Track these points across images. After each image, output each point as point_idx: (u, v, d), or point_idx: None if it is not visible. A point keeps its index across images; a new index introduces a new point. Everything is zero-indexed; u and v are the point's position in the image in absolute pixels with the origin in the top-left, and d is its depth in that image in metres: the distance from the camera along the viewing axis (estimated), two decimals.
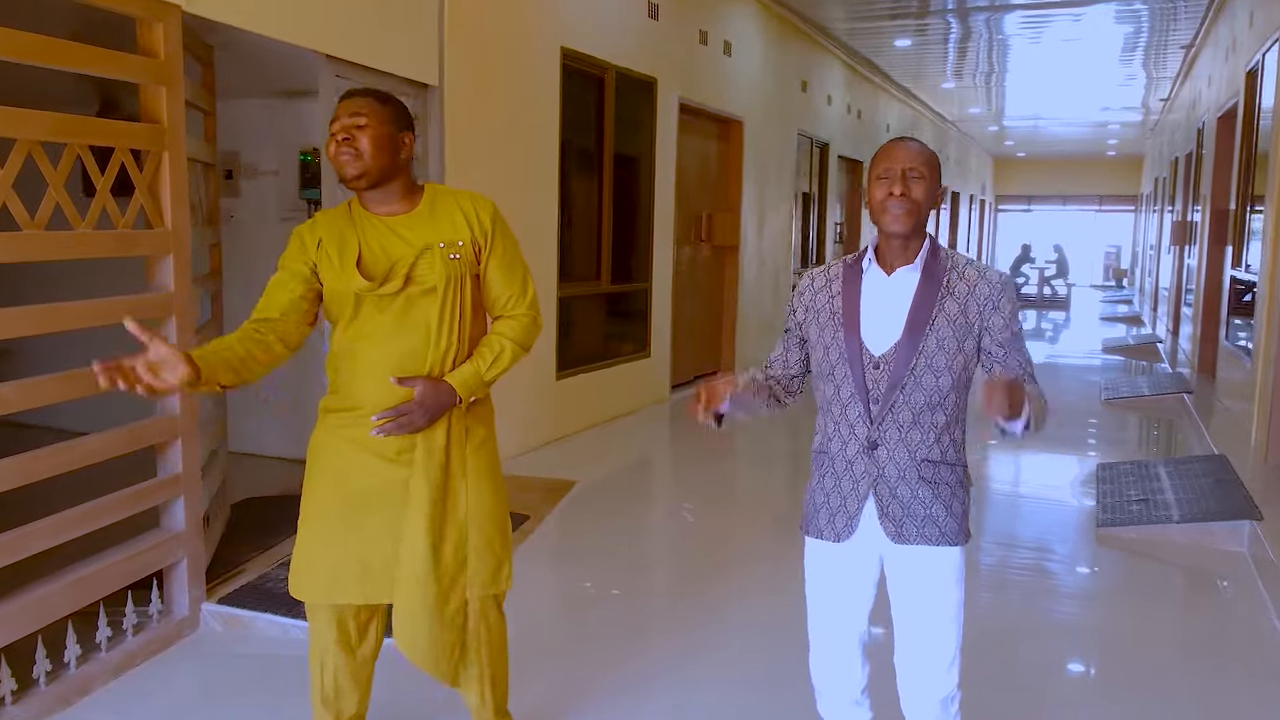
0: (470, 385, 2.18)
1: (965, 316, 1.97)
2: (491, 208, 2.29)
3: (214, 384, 1.95)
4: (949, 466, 2.01)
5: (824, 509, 2.08)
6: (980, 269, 2.01)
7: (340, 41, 4.18)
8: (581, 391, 6.58)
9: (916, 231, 1.97)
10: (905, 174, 1.94)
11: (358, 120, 2.10)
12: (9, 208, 2.58)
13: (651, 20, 7.20)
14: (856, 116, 12.97)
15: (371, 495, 2.18)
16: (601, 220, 6.92)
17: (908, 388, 1.96)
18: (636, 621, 3.64)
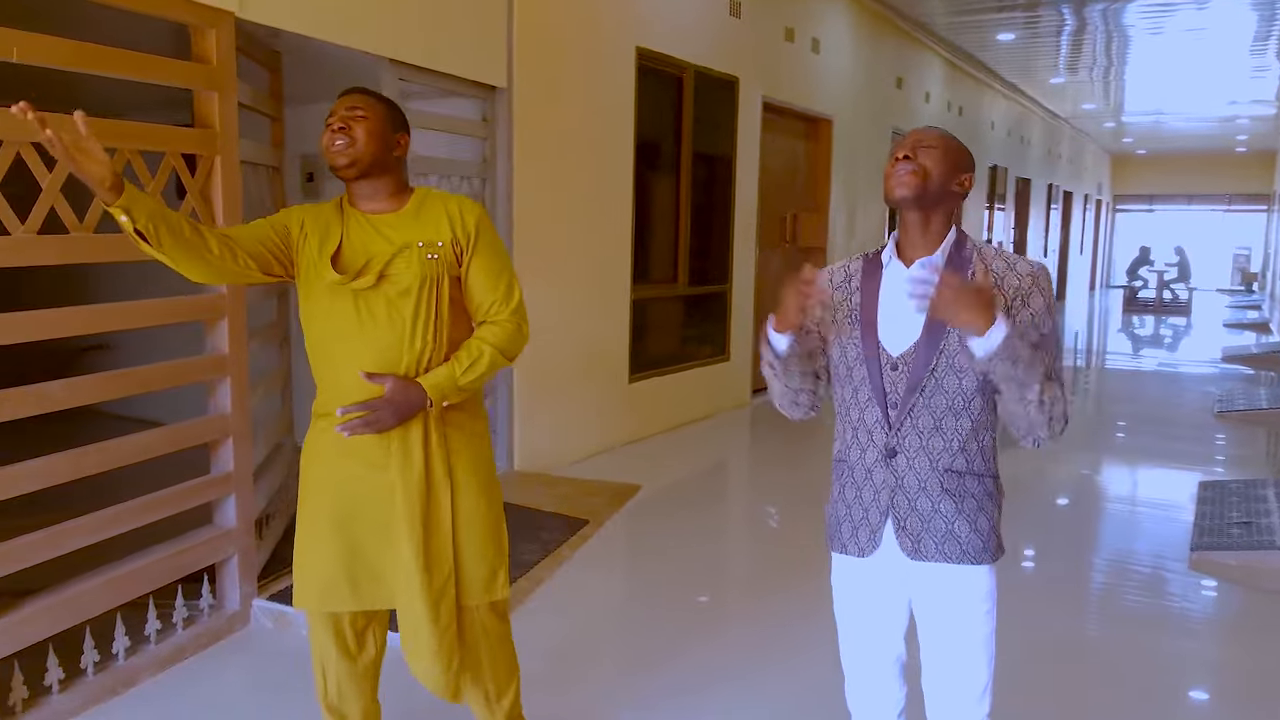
0: (443, 388, 2.11)
1: None
2: (478, 211, 2.22)
3: (129, 215, 1.84)
4: (975, 477, 1.85)
5: (846, 522, 1.96)
6: (1010, 260, 1.84)
7: (403, 45, 4.22)
8: (655, 395, 6.51)
9: (928, 205, 1.82)
10: (916, 143, 1.83)
11: (356, 111, 2.10)
12: (56, 210, 2.65)
13: (733, 18, 7.08)
14: (957, 114, 12.55)
15: (359, 501, 2.16)
16: (679, 222, 6.84)
17: (928, 390, 1.82)
18: (683, 630, 3.55)
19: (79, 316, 2.82)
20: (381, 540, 2.15)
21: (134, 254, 2.89)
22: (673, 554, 4.36)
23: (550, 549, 4.18)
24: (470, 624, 2.27)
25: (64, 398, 2.70)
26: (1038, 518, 5.09)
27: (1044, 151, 17.84)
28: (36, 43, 2.56)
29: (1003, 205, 15.45)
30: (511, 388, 5.22)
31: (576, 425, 5.75)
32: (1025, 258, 1.85)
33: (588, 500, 4.91)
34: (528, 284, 5.24)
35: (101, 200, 1.84)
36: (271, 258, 2.13)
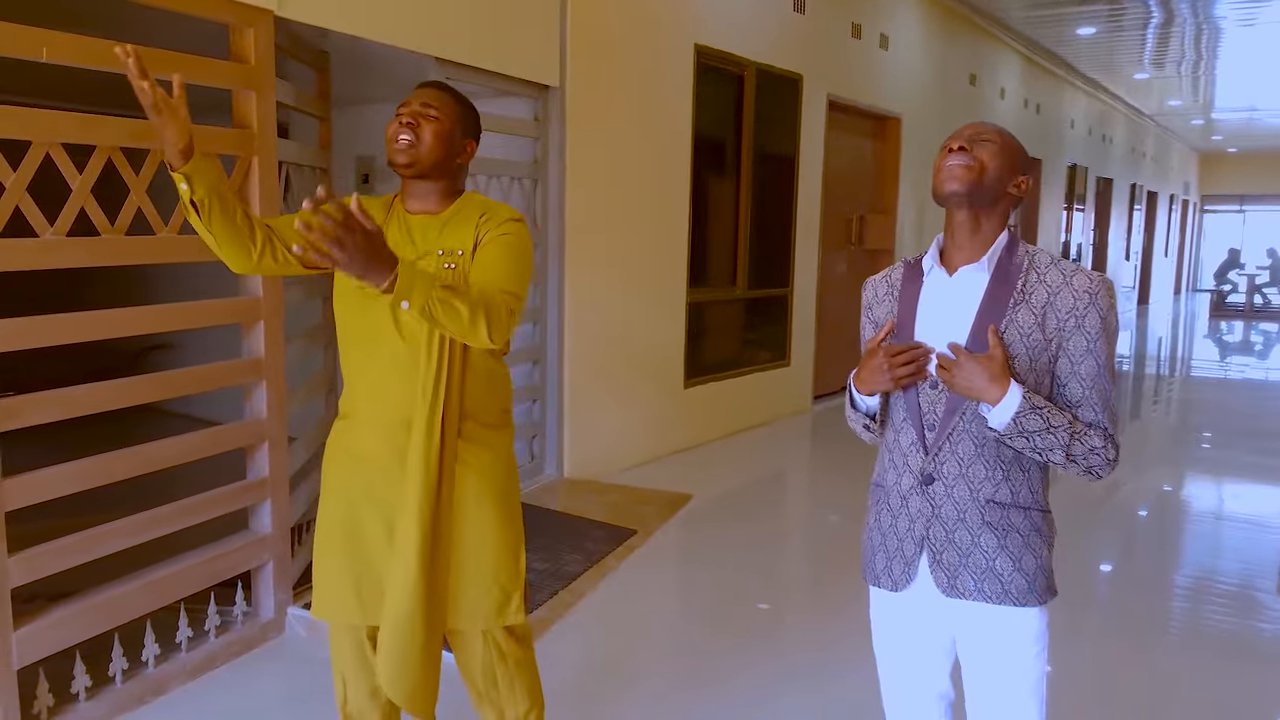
0: (418, 277, 1.77)
1: (1041, 330, 1.63)
2: (509, 214, 2.04)
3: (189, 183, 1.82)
4: (1021, 510, 1.68)
5: (880, 552, 1.81)
6: (1066, 271, 1.65)
7: (450, 43, 4.14)
8: (712, 401, 6.35)
9: (978, 202, 1.66)
10: (973, 136, 1.67)
11: (429, 110, 1.99)
12: (86, 211, 2.62)
13: (797, 14, 6.89)
14: (1035, 111, 12.12)
15: (369, 510, 2.06)
16: (739, 224, 6.67)
17: (969, 413, 1.66)
18: (730, 648, 3.40)
19: (112, 319, 2.78)
20: (387, 552, 2.05)
21: (166, 255, 2.87)
22: (722, 567, 4.21)
23: (595, 560, 4.06)
24: (482, 650, 2.16)
25: (88, 402, 2.67)
26: (1113, 534, 4.81)
27: (1127, 150, 17.18)
28: (65, 42, 2.52)
29: (1082, 206, 14.90)
30: (561, 393, 5.12)
31: (629, 432, 5.62)
32: (1085, 269, 1.67)
33: (637, 509, 4.78)
34: (579, 286, 5.22)
35: (168, 162, 1.83)
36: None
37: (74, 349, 2.77)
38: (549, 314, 5.05)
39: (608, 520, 4.56)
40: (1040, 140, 12.28)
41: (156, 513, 2.92)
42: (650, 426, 5.80)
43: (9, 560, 2.47)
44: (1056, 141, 13.08)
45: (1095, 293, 1.62)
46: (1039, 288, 1.64)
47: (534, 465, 5.11)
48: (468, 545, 2.07)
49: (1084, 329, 1.62)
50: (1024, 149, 1.72)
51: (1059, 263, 1.67)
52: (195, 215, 1.88)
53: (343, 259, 1.67)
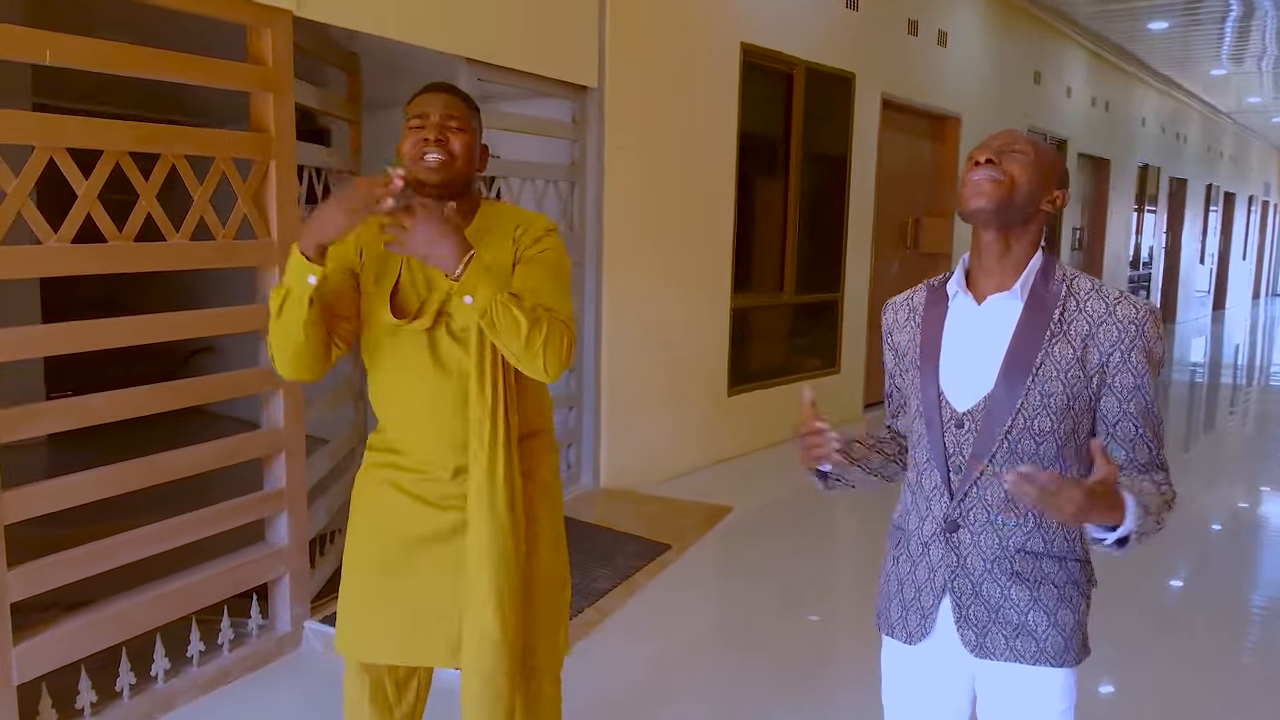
0: (485, 271, 1.71)
1: (1082, 366, 1.47)
2: (544, 224, 1.91)
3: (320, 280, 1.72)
4: (1056, 561, 1.51)
5: (896, 600, 1.65)
6: (1109, 298, 1.48)
7: (481, 43, 4.04)
8: (757, 409, 6.17)
9: (1008, 221, 1.49)
10: (1001, 147, 1.49)
11: (451, 121, 1.83)
12: (93, 218, 2.56)
13: (850, 11, 6.68)
14: (1103, 109, 11.68)
15: (417, 545, 1.92)
16: (787, 227, 6.48)
17: (999, 456, 1.49)
18: (762, 674, 3.23)
19: (144, 325, 2.75)
20: (444, 590, 1.90)
21: (173, 263, 2.81)
22: (759, 585, 4.04)
23: (625, 575, 3.93)
24: (525, 687, 2.00)
25: (105, 411, 2.61)
26: (1183, 552, 4.53)
27: (1202, 149, 16.52)
28: (70, 44, 2.46)
29: (1154, 207, 14.36)
30: (599, 401, 5.00)
31: (669, 441, 5.47)
32: (1129, 296, 1.49)
33: (674, 522, 4.64)
34: (617, 291, 5.08)
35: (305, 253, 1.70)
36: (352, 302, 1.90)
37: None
38: (586, 320, 4.93)
39: (642, 534, 4.42)
40: (1108, 139, 11.85)
41: (170, 524, 2.86)
42: (692, 435, 5.65)
43: (8, 574, 2.42)
44: (1126, 140, 12.60)
45: (1142, 323, 1.46)
46: (1079, 318, 1.47)
47: (570, 475, 4.99)
48: (536, 580, 1.94)
49: (1130, 365, 1.47)
50: (1061, 160, 1.56)
51: (1100, 289, 1.50)
52: (304, 310, 1.73)
53: (413, 235, 1.66)
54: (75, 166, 2.50)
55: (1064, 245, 11.13)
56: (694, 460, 5.64)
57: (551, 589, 1.97)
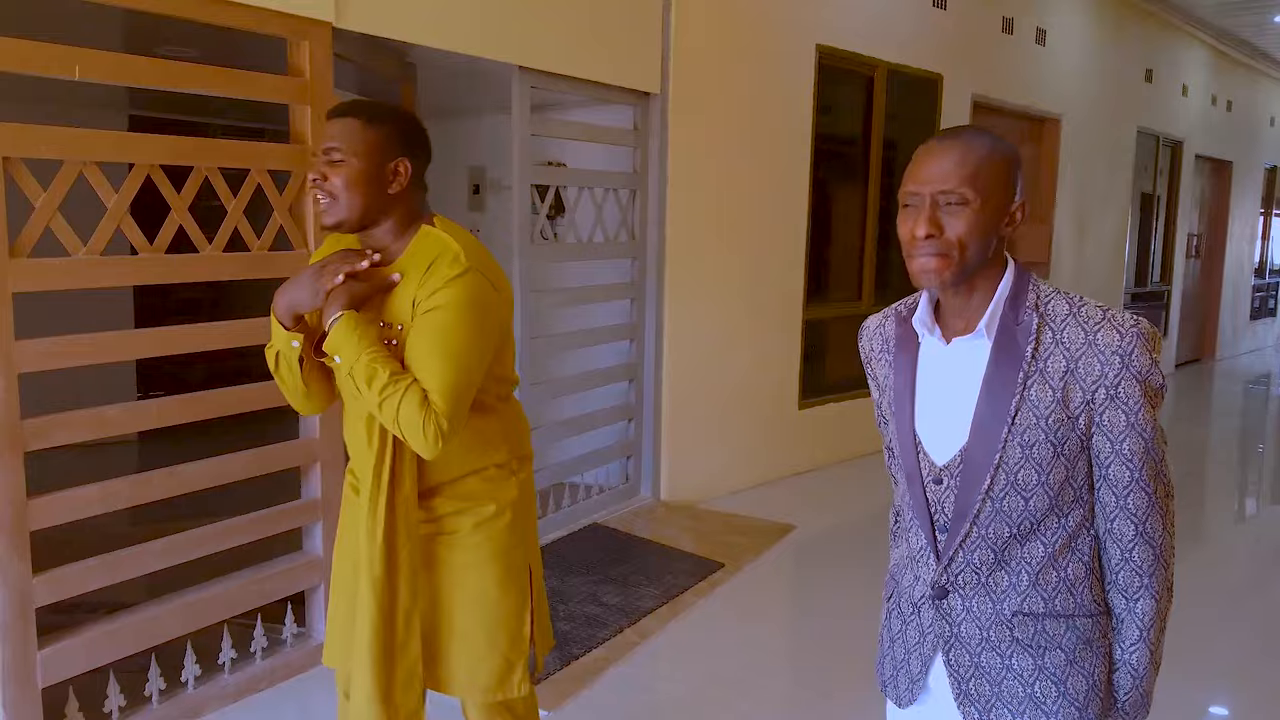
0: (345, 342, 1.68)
1: (1065, 407, 1.28)
2: (443, 272, 1.70)
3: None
4: (1062, 620, 1.34)
5: (889, 658, 1.51)
6: (1089, 324, 1.28)
7: (533, 50, 3.99)
8: (829, 423, 5.97)
9: (968, 282, 1.31)
10: (936, 201, 1.27)
11: (331, 155, 1.71)
12: (124, 231, 2.60)
13: (938, 10, 6.41)
14: (1225, 109, 10.98)
15: (346, 566, 1.92)
16: (865, 235, 6.26)
17: (984, 516, 1.32)
18: (799, 709, 3.08)
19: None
20: (351, 612, 1.88)
21: (196, 275, 2.83)
22: (813, 612, 3.87)
23: (672, 595, 3.82)
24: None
25: (122, 421, 2.65)
26: (1243, 580, 4.16)
27: None
28: (98, 60, 2.50)
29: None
30: (659, 412, 4.90)
31: (734, 454, 5.33)
32: (1113, 317, 1.28)
33: (731, 540, 4.50)
34: (680, 301, 4.97)
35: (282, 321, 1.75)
36: None
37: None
38: (646, 330, 4.84)
39: (695, 551, 4.30)
40: (1230, 140, 11.13)
41: (203, 531, 2.89)
42: (759, 449, 5.49)
43: (33, 580, 2.47)
44: (1250, 141, 11.82)
45: (1128, 352, 1.26)
46: (1055, 353, 1.28)
47: (628, 488, 4.91)
48: (457, 609, 1.87)
49: (1120, 401, 1.27)
50: (1009, 158, 1.31)
51: (1079, 312, 1.29)
52: (298, 369, 1.79)
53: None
54: (106, 180, 2.54)
55: (1178, 253, 10.50)
56: (761, 475, 5.48)
57: (480, 626, 1.87)
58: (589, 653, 3.31)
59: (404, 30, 3.41)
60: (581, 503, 4.63)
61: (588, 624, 3.51)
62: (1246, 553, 4.97)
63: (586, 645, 3.35)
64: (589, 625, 3.50)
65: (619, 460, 4.88)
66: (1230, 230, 11.54)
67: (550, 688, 3.06)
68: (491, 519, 1.88)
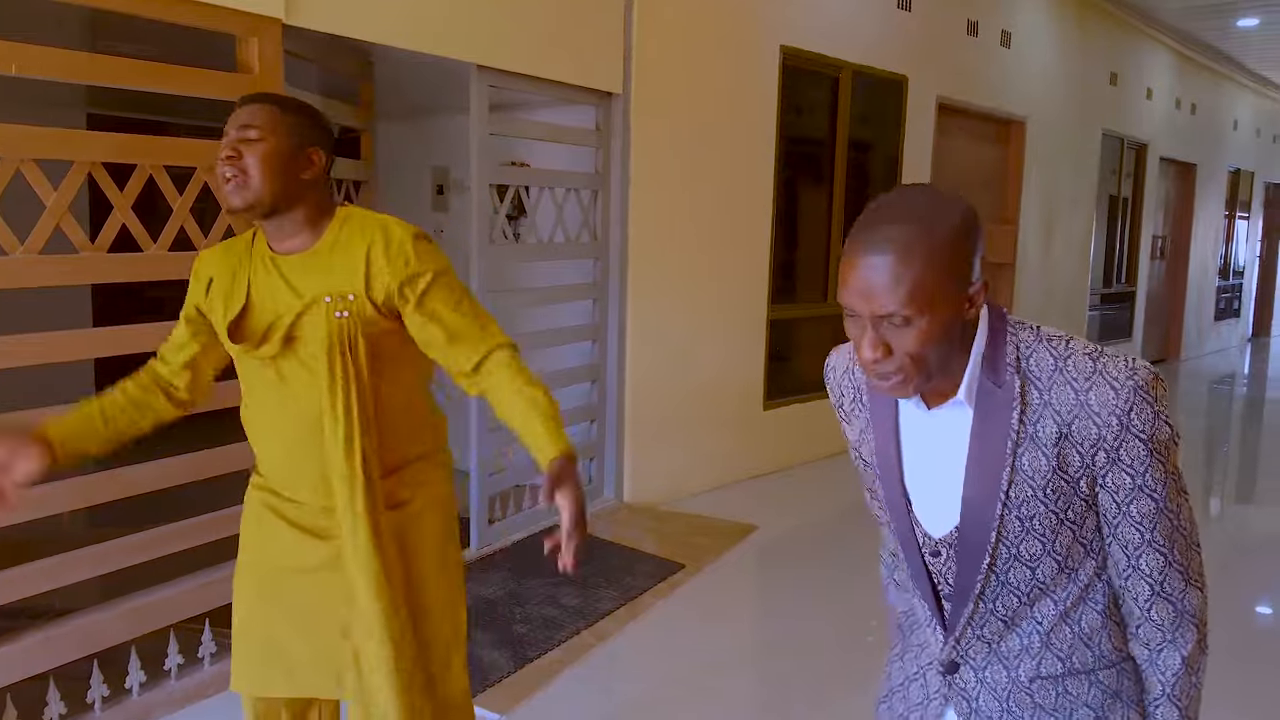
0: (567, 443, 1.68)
1: (1062, 473, 1.15)
2: (408, 238, 1.74)
3: (78, 457, 1.75)
4: (1082, 676, 1.23)
5: (900, 695, 1.40)
6: (1079, 381, 1.13)
7: (491, 49, 3.97)
8: (795, 424, 5.98)
9: (932, 379, 1.16)
10: (877, 322, 1.10)
11: (246, 133, 1.68)
12: (63, 230, 2.56)
13: (902, 11, 6.44)
14: (1189, 112, 11.11)
15: (300, 574, 1.84)
16: (830, 236, 6.27)
17: (989, 592, 1.22)
18: (755, 711, 3.08)
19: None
20: (321, 618, 1.82)
21: (143, 274, 2.79)
22: (773, 614, 3.87)
23: (631, 596, 3.80)
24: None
25: None
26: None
27: None
28: (36, 55, 2.46)
29: (1246, 214, 13.62)
30: (622, 413, 4.88)
31: (699, 455, 5.33)
32: (1106, 370, 1.13)
33: (693, 541, 4.49)
34: (643, 301, 4.97)
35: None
36: (210, 362, 1.91)
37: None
38: (608, 330, 4.83)
39: (657, 553, 4.29)
40: (1194, 143, 11.26)
41: (150, 534, 2.85)
42: (723, 450, 5.49)
43: None
44: (1214, 144, 11.96)
45: (1126, 411, 1.11)
46: (1045, 415, 1.14)
47: (590, 490, 4.89)
48: (408, 597, 1.85)
49: (1122, 464, 1.14)
50: (966, 229, 1.11)
51: (1066, 366, 1.14)
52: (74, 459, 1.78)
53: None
54: (44, 178, 2.49)
55: (1143, 254, 10.61)
56: (725, 476, 5.48)
57: (441, 614, 1.87)
58: (544, 655, 3.29)
59: (358, 28, 3.38)
60: (541, 505, 4.59)
61: (544, 626, 3.49)
62: (1212, 551, 5.01)
63: (542, 648, 3.33)
64: (546, 628, 3.48)
65: (581, 462, 4.86)
66: (1195, 232, 11.67)
67: (504, 691, 3.04)
68: (441, 498, 1.89)
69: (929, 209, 1.10)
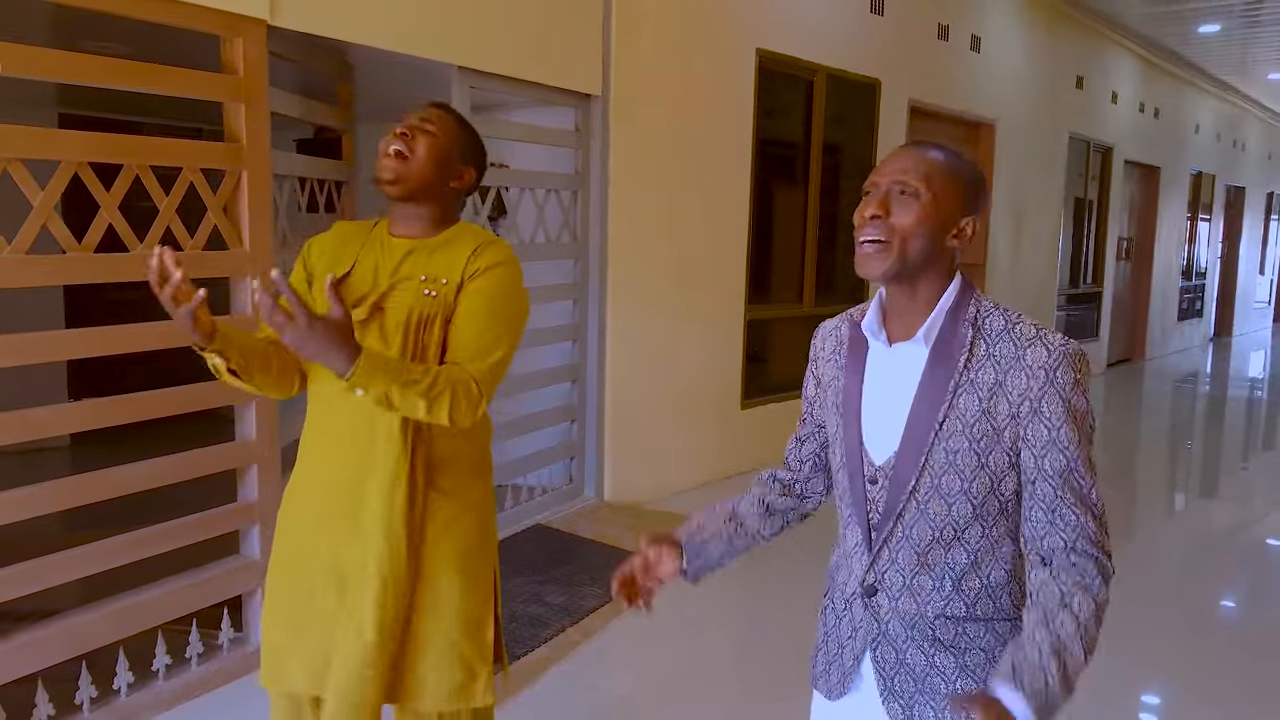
0: (381, 367, 1.65)
1: (990, 418, 1.32)
2: (499, 256, 1.85)
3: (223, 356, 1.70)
4: (982, 624, 1.38)
5: (821, 651, 1.55)
6: (1020, 341, 1.32)
7: (473, 51, 3.99)
8: (773, 423, 6.03)
9: (910, 277, 1.35)
10: (893, 185, 1.33)
11: (426, 125, 1.83)
12: (50, 229, 2.55)
13: (875, 16, 6.53)
14: (1152, 116, 11.32)
15: (319, 572, 1.86)
16: (806, 237, 6.34)
17: (908, 517, 1.37)
18: (742, 703, 3.12)
19: (104, 336, 2.74)
20: (340, 614, 1.84)
21: (127, 275, 2.78)
22: (757, 608, 3.92)
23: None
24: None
25: (50, 424, 2.59)
26: (1237, 573, 4.31)
27: (1263, 156, 15.96)
28: (23, 54, 2.45)
29: (1208, 216, 13.89)
30: (602, 413, 4.91)
31: (678, 454, 5.37)
32: (1046, 336, 1.31)
33: None
34: (622, 302, 5.00)
35: (194, 344, 1.70)
36: None
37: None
38: (589, 331, 4.86)
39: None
40: (1158, 147, 11.48)
41: (138, 535, 2.84)
42: (702, 449, 5.53)
43: None
44: (1177, 147, 12.20)
45: (1053, 368, 1.29)
46: (986, 365, 1.32)
47: (571, 489, 4.91)
48: (425, 610, 1.86)
49: (1042, 415, 1.30)
50: (972, 175, 1.38)
51: (1014, 328, 1.33)
52: (237, 380, 1.78)
53: (293, 341, 1.57)
54: (31, 178, 2.48)
55: (1109, 255, 10.80)
56: (703, 475, 5.53)
57: (451, 631, 1.88)
58: (531, 652, 3.31)
59: (341, 29, 3.39)
60: (525, 504, 4.63)
61: (530, 624, 3.51)
62: (1176, 547, 5.13)
63: (529, 645, 3.35)
64: (532, 625, 3.50)
65: (562, 461, 4.89)
66: (1159, 234, 11.89)
67: None
68: (462, 514, 1.89)
69: (959, 153, 1.39)
